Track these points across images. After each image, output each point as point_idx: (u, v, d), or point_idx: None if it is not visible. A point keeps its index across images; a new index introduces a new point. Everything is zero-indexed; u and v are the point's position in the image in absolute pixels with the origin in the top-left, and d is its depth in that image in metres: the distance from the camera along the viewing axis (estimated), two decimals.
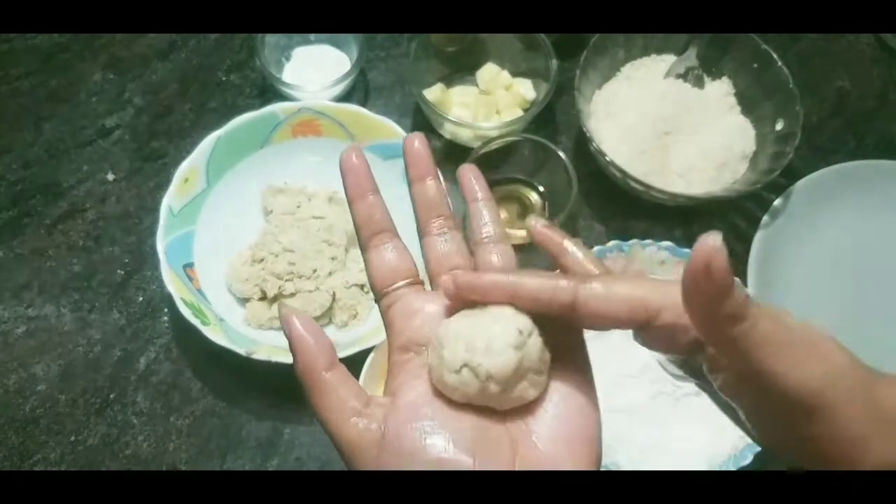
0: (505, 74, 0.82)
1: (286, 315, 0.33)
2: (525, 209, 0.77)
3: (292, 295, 0.70)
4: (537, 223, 0.37)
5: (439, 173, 0.39)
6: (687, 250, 0.72)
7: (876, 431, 0.30)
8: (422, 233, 0.38)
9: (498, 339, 0.31)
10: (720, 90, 0.80)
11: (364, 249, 0.37)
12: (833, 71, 0.88)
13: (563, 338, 0.33)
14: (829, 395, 0.29)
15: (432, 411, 0.31)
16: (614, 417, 0.67)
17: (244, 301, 0.72)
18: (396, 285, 0.35)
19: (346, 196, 0.38)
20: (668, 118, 0.77)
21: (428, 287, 0.37)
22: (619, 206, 0.79)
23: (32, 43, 0.86)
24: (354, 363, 0.65)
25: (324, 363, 0.33)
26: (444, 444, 0.30)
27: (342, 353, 0.66)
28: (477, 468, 0.30)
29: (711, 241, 0.26)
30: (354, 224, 0.38)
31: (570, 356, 0.34)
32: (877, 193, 0.78)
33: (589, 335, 0.35)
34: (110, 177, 0.79)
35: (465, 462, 0.30)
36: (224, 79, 0.85)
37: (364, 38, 0.80)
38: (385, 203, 0.38)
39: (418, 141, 0.39)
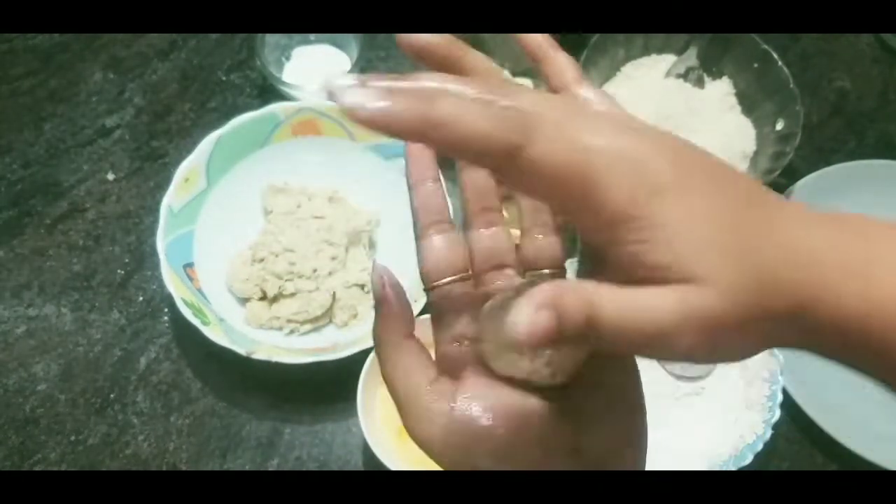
0: (505, 74, 0.82)
1: (378, 276, 0.33)
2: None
3: (292, 295, 0.70)
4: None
5: (440, 175, 0.38)
6: None
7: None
8: (420, 234, 0.37)
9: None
10: (720, 90, 0.80)
11: (418, 238, 0.35)
12: (833, 71, 0.88)
13: None
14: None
15: (494, 396, 0.31)
16: None
17: (244, 301, 0.72)
18: (447, 280, 0.34)
19: (407, 183, 0.36)
20: (668, 118, 0.77)
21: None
22: None
23: (32, 43, 0.86)
24: (354, 363, 0.65)
25: (405, 330, 0.32)
26: (512, 431, 0.30)
27: (342, 353, 0.66)
28: (547, 455, 0.30)
29: None
30: (411, 211, 0.35)
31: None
32: (877, 193, 0.78)
33: None
34: (110, 176, 0.79)
35: (533, 449, 0.30)
36: (224, 79, 0.85)
37: (364, 38, 0.80)
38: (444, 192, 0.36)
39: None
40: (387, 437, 0.65)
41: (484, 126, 0.24)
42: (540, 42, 0.35)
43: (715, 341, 0.26)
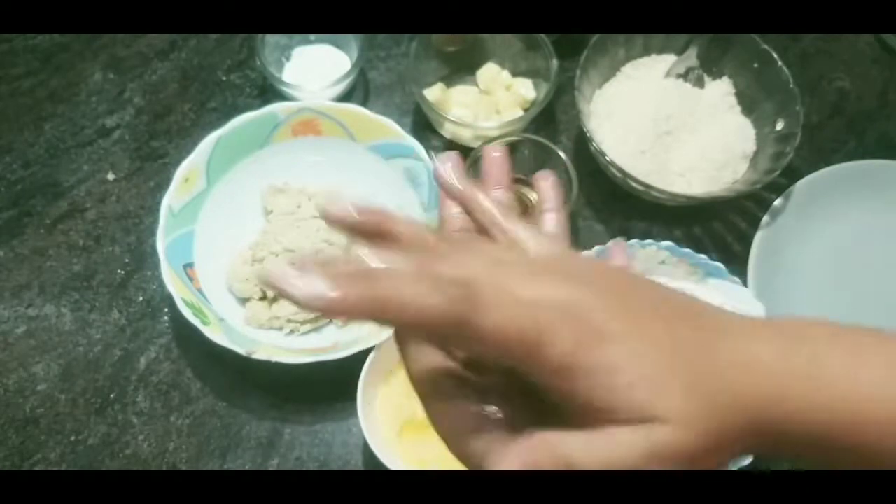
0: (505, 74, 0.82)
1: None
2: (525, 209, 0.77)
3: None
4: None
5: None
6: (687, 250, 0.72)
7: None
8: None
9: None
10: (720, 90, 0.80)
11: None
12: (833, 71, 0.88)
13: None
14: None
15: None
16: None
17: (244, 301, 0.72)
18: None
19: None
20: (668, 118, 0.77)
21: None
22: (619, 206, 0.79)
23: (32, 43, 0.86)
24: (354, 363, 0.65)
25: None
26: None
27: (342, 353, 0.66)
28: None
29: None
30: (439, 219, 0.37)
31: None
32: (877, 193, 0.78)
33: None
34: (110, 176, 0.79)
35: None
36: (224, 79, 0.85)
37: (364, 38, 0.80)
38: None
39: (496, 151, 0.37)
40: (387, 437, 0.65)
41: (431, 304, 0.25)
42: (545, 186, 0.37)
43: (687, 468, 0.28)
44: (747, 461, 0.66)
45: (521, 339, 0.27)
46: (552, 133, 0.82)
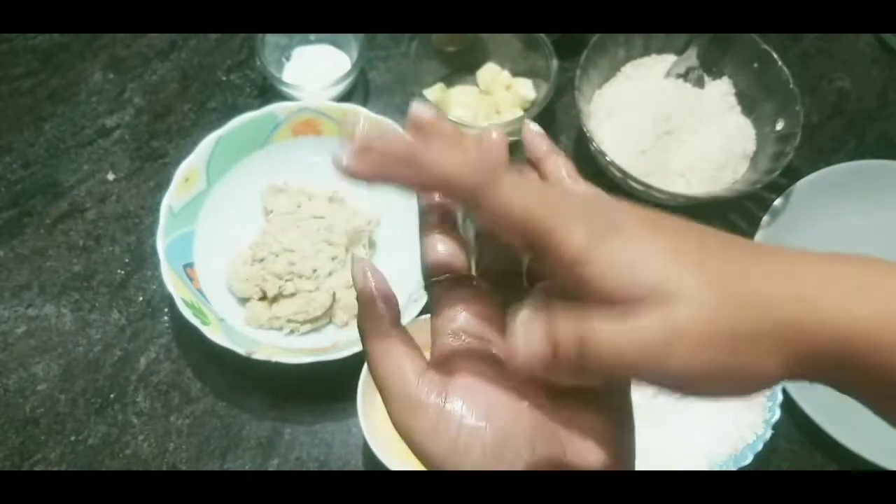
0: (505, 74, 0.82)
1: (360, 268, 0.33)
2: None
3: (292, 295, 0.70)
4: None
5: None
6: None
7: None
8: (424, 231, 0.36)
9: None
10: (720, 90, 0.80)
11: (422, 233, 0.36)
12: (833, 71, 0.88)
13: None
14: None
15: (488, 393, 0.31)
16: None
17: (244, 301, 0.72)
18: (448, 275, 0.34)
19: None
20: (668, 118, 0.77)
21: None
22: None
23: (32, 43, 0.86)
24: (354, 363, 0.65)
25: (390, 319, 0.32)
26: (503, 429, 0.30)
27: (342, 353, 0.66)
28: (535, 457, 0.29)
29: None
30: (418, 208, 0.37)
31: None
32: (877, 193, 0.78)
33: None
34: (110, 176, 0.79)
35: (522, 449, 0.29)
36: (224, 79, 0.85)
37: (364, 38, 0.80)
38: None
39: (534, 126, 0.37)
40: (387, 437, 0.65)
41: (457, 164, 0.28)
42: (539, 144, 0.36)
43: (707, 359, 0.26)
44: (747, 461, 0.66)
45: (534, 222, 0.27)
46: (552, 133, 0.82)
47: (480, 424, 0.30)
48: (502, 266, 0.34)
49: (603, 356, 0.26)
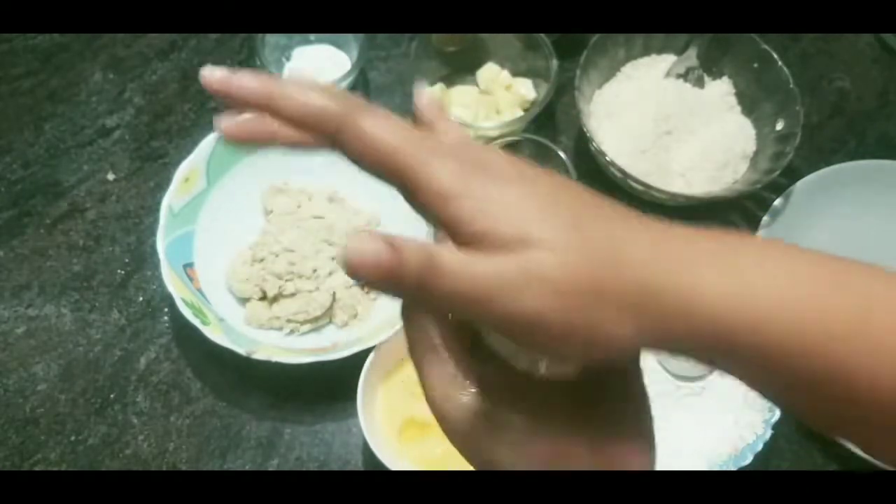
0: (505, 74, 0.82)
1: None
2: None
3: (292, 295, 0.70)
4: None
5: None
6: None
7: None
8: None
9: None
10: (720, 90, 0.80)
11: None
12: (833, 71, 0.88)
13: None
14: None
15: (515, 386, 0.30)
16: None
17: (244, 301, 0.72)
18: None
19: None
20: (668, 118, 0.77)
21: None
22: None
23: (32, 43, 0.86)
24: (354, 363, 0.65)
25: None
26: (536, 413, 0.30)
27: (342, 353, 0.66)
28: (559, 456, 0.29)
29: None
30: None
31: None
32: (877, 193, 0.78)
33: None
34: (110, 176, 0.79)
35: (548, 450, 0.29)
36: None
37: (364, 38, 0.80)
38: None
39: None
40: (387, 437, 0.65)
41: (322, 99, 0.29)
42: (432, 108, 0.35)
43: (556, 307, 0.25)
44: (747, 461, 0.66)
45: (402, 152, 0.27)
46: (552, 133, 0.82)
47: (510, 419, 0.29)
48: None
49: (448, 280, 0.25)
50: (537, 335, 0.26)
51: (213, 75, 0.29)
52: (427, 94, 0.34)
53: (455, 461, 0.31)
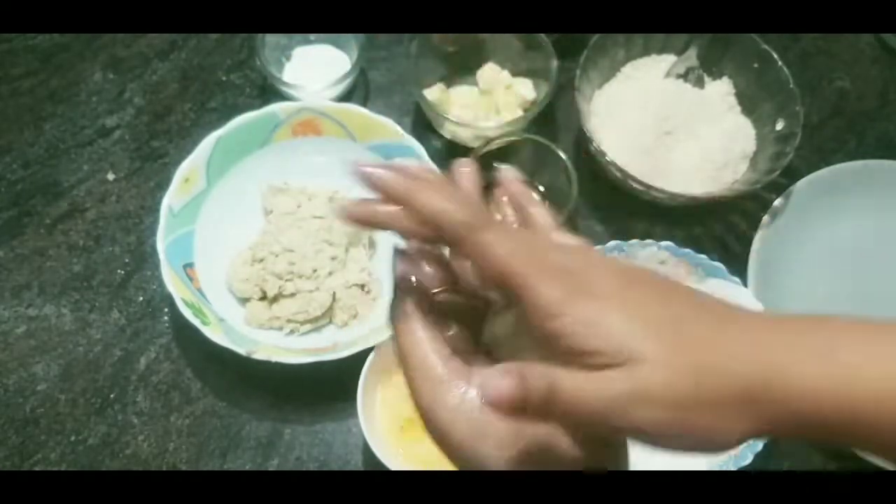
0: (505, 74, 0.82)
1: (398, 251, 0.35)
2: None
3: (292, 295, 0.70)
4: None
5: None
6: (687, 250, 0.72)
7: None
8: None
9: None
10: (720, 90, 0.80)
11: None
12: (833, 71, 0.88)
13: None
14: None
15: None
16: None
17: (244, 301, 0.72)
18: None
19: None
20: (668, 118, 0.77)
21: None
22: (619, 206, 0.79)
23: (32, 43, 0.86)
24: (354, 363, 0.65)
25: (422, 305, 0.34)
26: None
27: (342, 353, 0.66)
28: (548, 456, 0.31)
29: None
30: None
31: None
32: (877, 193, 0.78)
33: None
34: (110, 176, 0.79)
35: (537, 451, 0.30)
36: (224, 79, 0.85)
37: (364, 38, 0.80)
38: None
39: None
40: (387, 437, 0.65)
41: (449, 208, 0.31)
42: (519, 189, 0.38)
43: (667, 418, 0.28)
44: (747, 461, 0.66)
45: (513, 268, 0.30)
46: (552, 133, 0.82)
47: (497, 419, 0.30)
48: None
49: (569, 403, 0.28)
50: (652, 440, 0.29)
51: (363, 171, 0.33)
52: (513, 175, 0.38)
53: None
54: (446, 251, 0.35)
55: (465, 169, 0.36)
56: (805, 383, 0.28)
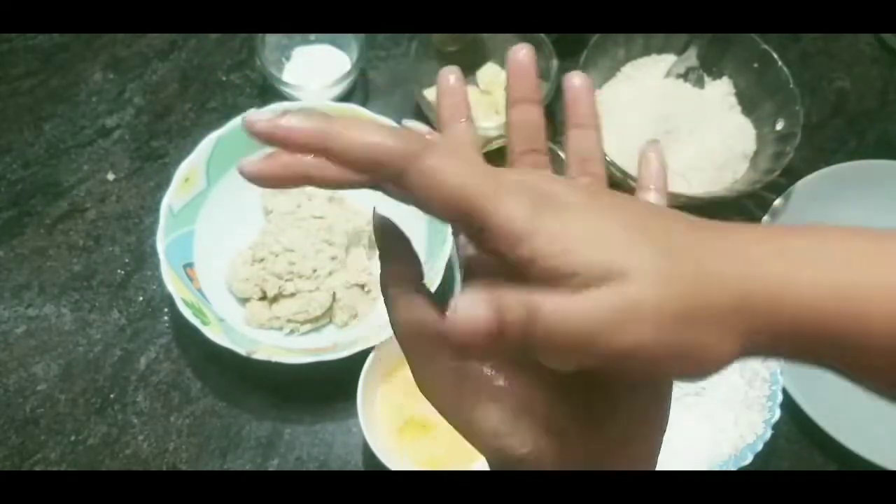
0: (505, 74, 0.82)
1: (378, 221, 0.31)
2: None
3: (292, 295, 0.70)
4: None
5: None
6: None
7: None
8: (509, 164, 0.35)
9: None
10: (720, 90, 0.80)
11: None
12: (833, 71, 0.88)
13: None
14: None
15: (513, 367, 0.29)
16: None
17: (244, 301, 0.72)
18: None
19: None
20: (668, 118, 0.77)
21: None
22: None
23: (32, 43, 0.86)
24: (354, 363, 0.65)
25: (412, 277, 0.30)
26: (523, 397, 0.29)
27: (342, 353, 0.66)
28: (548, 429, 0.29)
29: None
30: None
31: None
32: (877, 193, 0.78)
33: None
34: (110, 176, 0.79)
35: (537, 421, 0.28)
36: (224, 79, 0.85)
37: (364, 38, 0.80)
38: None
39: (524, 53, 0.34)
40: (387, 437, 0.65)
41: (383, 138, 0.26)
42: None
43: (660, 336, 0.25)
44: (747, 461, 0.66)
45: (469, 190, 0.26)
46: (552, 133, 0.82)
47: (501, 386, 0.29)
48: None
49: (552, 329, 0.25)
50: (641, 365, 0.26)
51: (257, 119, 0.28)
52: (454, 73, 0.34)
53: (455, 461, 0.31)
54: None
55: (452, 75, 0.34)
56: (803, 291, 0.25)
